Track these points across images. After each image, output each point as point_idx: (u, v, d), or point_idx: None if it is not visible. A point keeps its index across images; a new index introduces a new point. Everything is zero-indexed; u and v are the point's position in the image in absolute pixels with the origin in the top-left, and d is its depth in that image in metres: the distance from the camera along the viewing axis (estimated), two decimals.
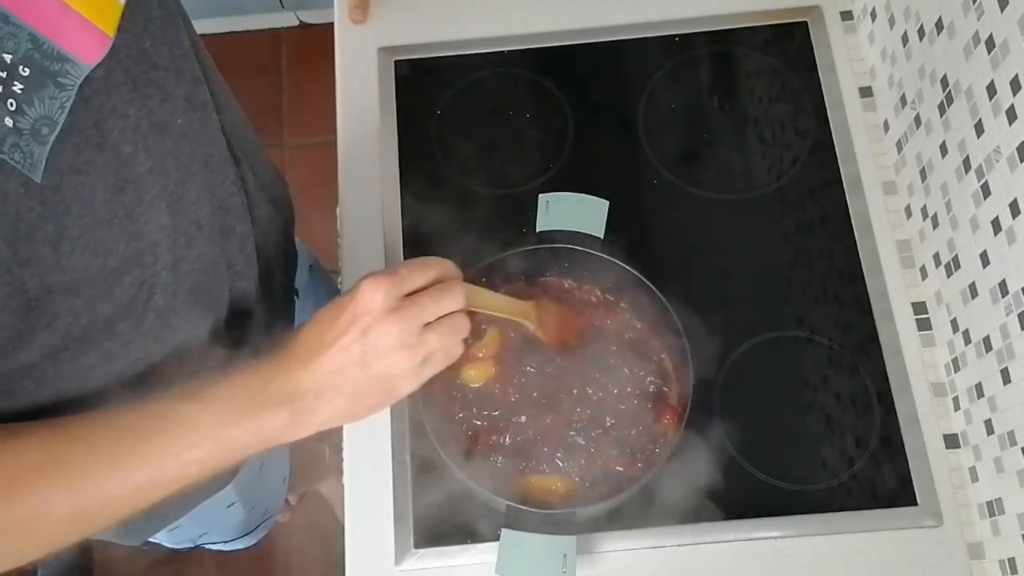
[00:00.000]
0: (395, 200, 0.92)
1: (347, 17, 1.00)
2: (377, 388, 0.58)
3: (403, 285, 0.58)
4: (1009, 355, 0.73)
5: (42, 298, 0.52)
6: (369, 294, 0.56)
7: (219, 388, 0.55)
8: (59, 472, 0.52)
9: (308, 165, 1.87)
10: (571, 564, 0.71)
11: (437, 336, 0.59)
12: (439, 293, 0.59)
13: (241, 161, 0.71)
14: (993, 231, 0.74)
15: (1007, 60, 0.69)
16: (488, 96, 0.97)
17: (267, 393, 0.55)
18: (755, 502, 0.80)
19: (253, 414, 0.55)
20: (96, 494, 0.53)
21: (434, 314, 0.59)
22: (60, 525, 0.53)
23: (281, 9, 1.95)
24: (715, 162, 0.93)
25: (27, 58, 0.46)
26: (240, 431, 0.55)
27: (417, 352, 0.58)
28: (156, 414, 0.54)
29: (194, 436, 0.54)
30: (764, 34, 0.98)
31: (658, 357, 0.81)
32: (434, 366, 0.60)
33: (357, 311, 0.56)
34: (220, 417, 0.54)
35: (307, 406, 0.56)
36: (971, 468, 0.81)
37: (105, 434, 0.53)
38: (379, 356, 0.57)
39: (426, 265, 0.60)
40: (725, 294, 0.88)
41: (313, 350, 0.56)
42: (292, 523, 1.64)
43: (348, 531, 0.81)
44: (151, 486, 0.54)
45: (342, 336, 0.56)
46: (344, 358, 0.56)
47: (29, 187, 0.47)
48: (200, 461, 0.54)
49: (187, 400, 0.54)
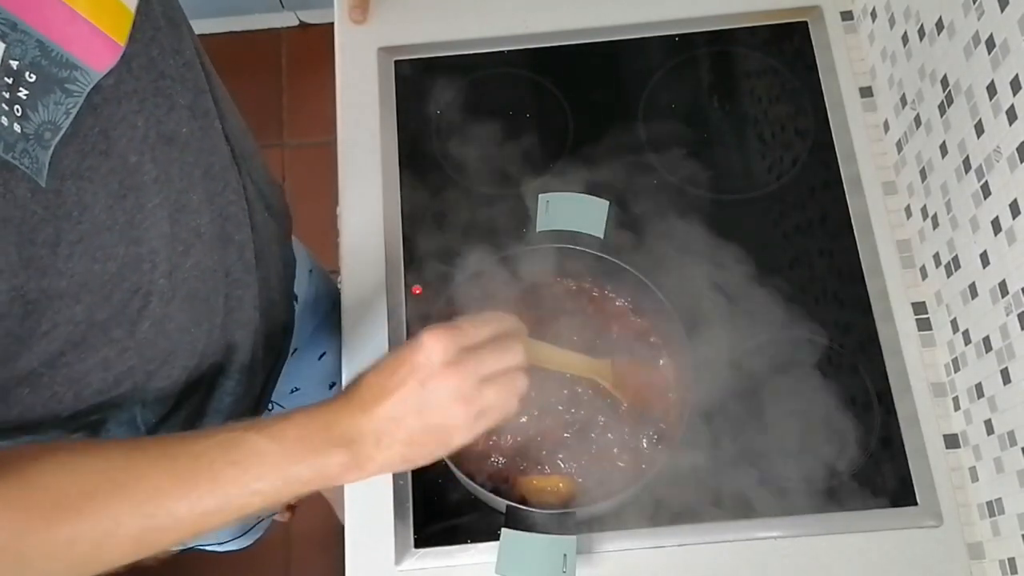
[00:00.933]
0: (395, 200, 0.92)
1: (347, 17, 1.00)
2: (432, 438, 0.59)
3: (463, 339, 0.58)
4: (1009, 355, 0.73)
5: (40, 302, 0.52)
6: (429, 346, 0.57)
7: (287, 424, 0.56)
8: (136, 493, 0.53)
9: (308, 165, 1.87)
10: (571, 564, 0.71)
11: (494, 392, 0.59)
12: (499, 349, 0.60)
13: (242, 169, 0.71)
14: (993, 231, 0.74)
15: (1007, 60, 0.69)
16: (488, 96, 0.97)
17: (330, 435, 0.57)
18: (755, 502, 0.80)
19: (317, 453, 0.56)
20: (165, 517, 0.53)
21: (492, 368, 0.59)
22: (126, 544, 0.53)
23: (281, 9, 1.95)
24: (715, 162, 0.93)
25: (34, 64, 0.46)
26: (304, 468, 0.56)
27: (473, 406, 0.58)
28: (228, 443, 0.55)
29: (263, 468, 0.55)
30: (764, 34, 0.98)
31: (658, 357, 0.81)
32: (489, 420, 0.60)
33: (417, 363, 0.57)
34: (288, 453, 0.55)
35: (365, 451, 0.57)
36: (971, 468, 0.81)
37: (182, 459, 0.54)
38: (436, 408, 0.58)
39: (488, 320, 0.61)
40: (725, 294, 0.88)
41: (374, 397, 0.57)
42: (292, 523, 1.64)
43: (348, 531, 0.81)
44: (217, 513, 0.54)
45: (401, 386, 0.57)
46: (402, 408, 0.57)
47: (36, 192, 0.47)
48: (264, 493, 0.55)
49: (257, 432, 0.55)
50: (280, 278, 0.85)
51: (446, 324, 0.59)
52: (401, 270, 0.89)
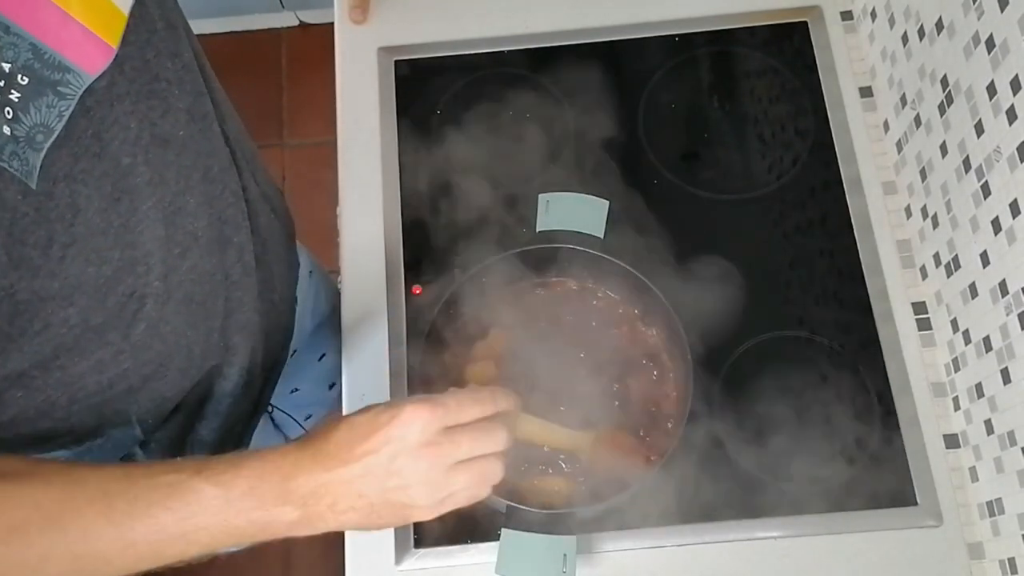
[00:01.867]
0: (395, 200, 0.92)
1: (347, 17, 1.00)
2: (391, 512, 0.57)
3: (447, 418, 0.57)
4: (1009, 355, 0.73)
5: (31, 303, 0.52)
6: (409, 421, 0.56)
7: (238, 473, 0.54)
8: (67, 531, 0.52)
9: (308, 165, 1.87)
10: (571, 564, 0.71)
11: (464, 478, 0.58)
12: (481, 434, 0.58)
13: (243, 171, 0.71)
14: (993, 231, 0.74)
15: (1007, 60, 0.69)
16: (488, 96, 0.97)
17: (284, 490, 0.55)
18: (755, 502, 0.80)
19: (266, 508, 0.54)
20: (98, 556, 0.52)
21: (468, 454, 0.58)
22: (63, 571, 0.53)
23: (281, 9, 1.95)
24: (715, 162, 0.93)
25: (26, 67, 0.46)
26: (249, 522, 0.54)
27: (439, 491, 0.57)
28: (172, 489, 0.53)
29: (204, 518, 0.53)
30: (764, 34, 0.98)
31: (658, 357, 0.81)
32: (454, 503, 0.59)
33: (392, 434, 0.55)
34: (233, 505, 0.54)
35: (319, 512, 0.56)
36: (971, 468, 0.81)
37: (120, 501, 0.53)
38: (400, 486, 0.56)
39: (479, 400, 0.59)
40: (725, 294, 0.88)
41: (339, 458, 0.56)
42: None
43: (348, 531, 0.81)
44: (152, 556, 0.53)
45: (370, 454, 0.55)
46: (366, 477, 0.55)
47: (27, 194, 0.47)
48: (202, 543, 0.54)
49: (205, 480, 0.54)
50: (283, 281, 0.85)
51: (433, 399, 0.57)
52: (401, 270, 0.89)
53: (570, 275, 0.84)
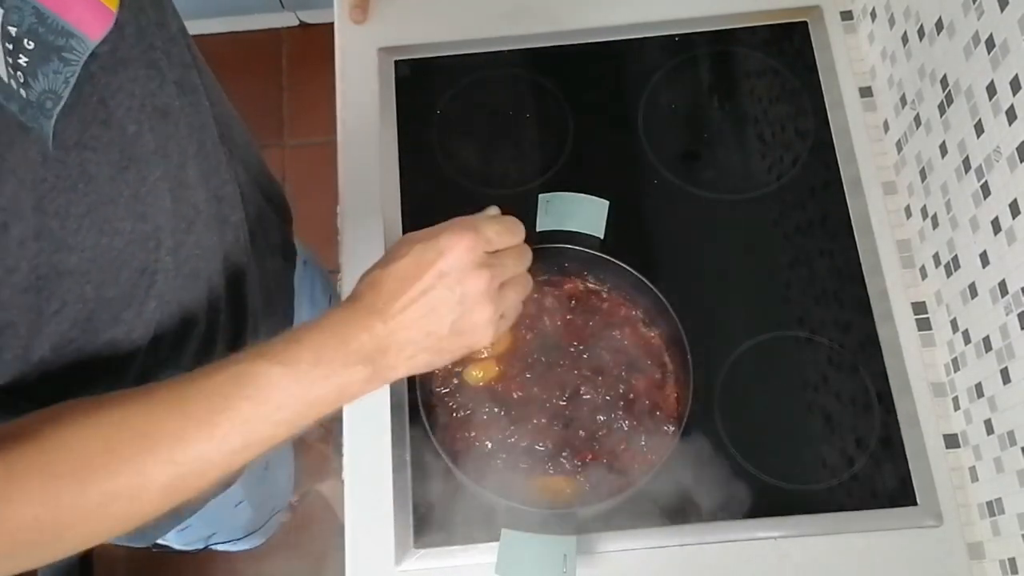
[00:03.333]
0: (395, 200, 0.92)
1: (347, 17, 1.00)
2: (459, 341, 0.58)
3: (488, 245, 0.58)
4: (1009, 355, 0.73)
5: (50, 278, 0.52)
6: (459, 250, 0.56)
7: (299, 347, 0.54)
8: (159, 442, 0.51)
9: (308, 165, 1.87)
10: (571, 564, 0.71)
11: (514, 294, 0.60)
12: (519, 256, 0.61)
13: (233, 154, 0.71)
14: (993, 231, 0.74)
15: (1007, 60, 0.69)
16: (488, 96, 0.97)
17: (347, 351, 0.55)
18: (755, 502, 0.80)
19: (335, 373, 0.54)
20: (194, 462, 0.52)
21: (512, 273, 0.60)
22: (158, 495, 0.52)
23: (281, 9, 1.95)
24: (715, 162, 0.93)
25: (31, 31, 0.46)
26: (324, 389, 0.54)
27: (498, 307, 0.59)
28: (239, 378, 0.53)
29: (281, 398, 0.53)
30: (764, 34, 0.98)
31: (658, 357, 0.81)
32: (506, 323, 0.61)
33: (445, 266, 0.56)
34: (304, 378, 0.54)
35: (388, 363, 0.56)
36: (971, 468, 0.81)
37: (197, 401, 0.53)
38: (465, 310, 0.57)
39: (513, 231, 0.61)
40: (725, 294, 0.88)
41: (396, 306, 0.55)
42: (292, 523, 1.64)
43: (348, 531, 0.81)
44: (244, 449, 0.53)
45: (428, 291, 0.56)
46: (431, 313, 0.56)
47: (46, 158, 0.47)
48: (288, 422, 0.54)
49: (268, 362, 0.53)
50: (278, 268, 0.85)
51: (469, 226, 0.58)
52: None
53: (570, 275, 0.84)
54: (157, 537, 0.92)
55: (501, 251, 0.59)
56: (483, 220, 0.60)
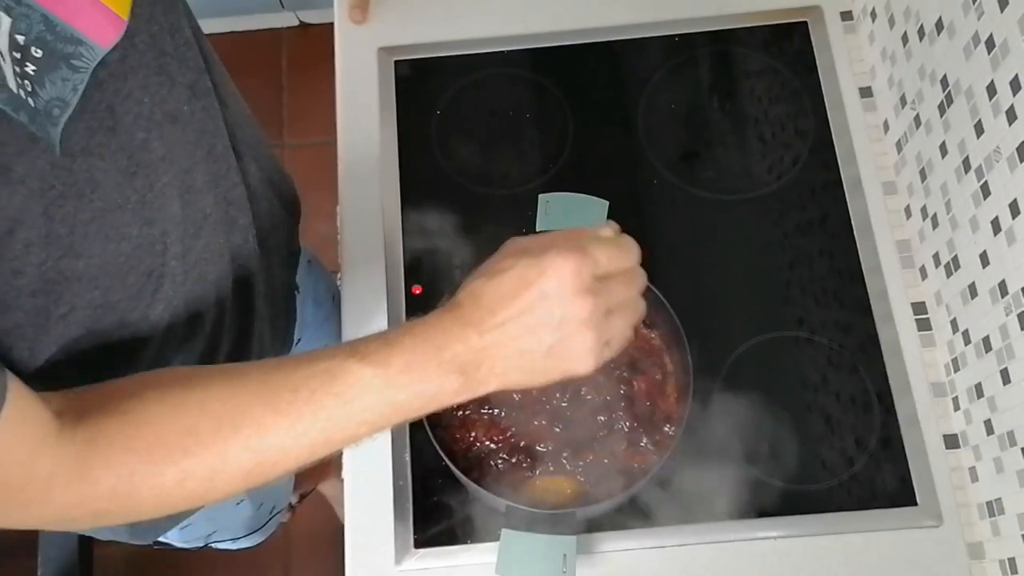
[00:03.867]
0: (395, 200, 0.92)
1: (347, 17, 1.00)
2: (552, 366, 0.55)
3: (596, 268, 0.55)
4: (1009, 355, 0.73)
5: (58, 282, 0.52)
6: (563, 273, 0.53)
7: (392, 351, 0.53)
8: (240, 428, 0.51)
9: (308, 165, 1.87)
10: (571, 564, 0.71)
11: (622, 322, 0.57)
12: (630, 280, 0.57)
13: (244, 155, 0.71)
14: (993, 231, 0.74)
15: (1007, 60, 0.69)
16: (488, 96, 0.97)
17: (440, 359, 0.53)
18: (755, 502, 0.80)
19: (427, 380, 0.53)
20: (273, 451, 0.52)
21: (621, 299, 0.56)
22: (236, 478, 0.52)
23: (281, 9, 1.95)
24: (715, 162, 0.94)
25: (40, 40, 0.45)
26: (413, 395, 0.53)
27: (602, 335, 0.55)
28: (330, 374, 0.53)
29: (368, 399, 0.53)
30: (764, 34, 0.98)
31: (658, 357, 0.81)
32: (611, 351, 0.57)
33: (546, 288, 0.53)
34: (394, 382, 0.53)
35: (480, 377, 0.54)
36: (971, 468, 0.81)
37: (284, 392, 0.52)
38: (563, 337, 0.54)
39: (626, 254, 0.57)
40: (725, 294, 0.88)
41: (493, 320, 0.53)
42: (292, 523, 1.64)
43: (348, 531, 0.81)
44: (324, 444, 0.53)
45: (528, 312, 0.53)
46: (528, 334, 0.54)
47: (54, 165, 0.47)
48: (371, 423, 0.54)
49: (360, 361, 0.53)
50: (284, 267, 0.85)
51: (578, 247, 0.54)
52: (401, 270, 0.89)
53: None
54: (159, 535, 0.92)
55: (611, 274, 0.56)
56: (594, 241, 0.56)
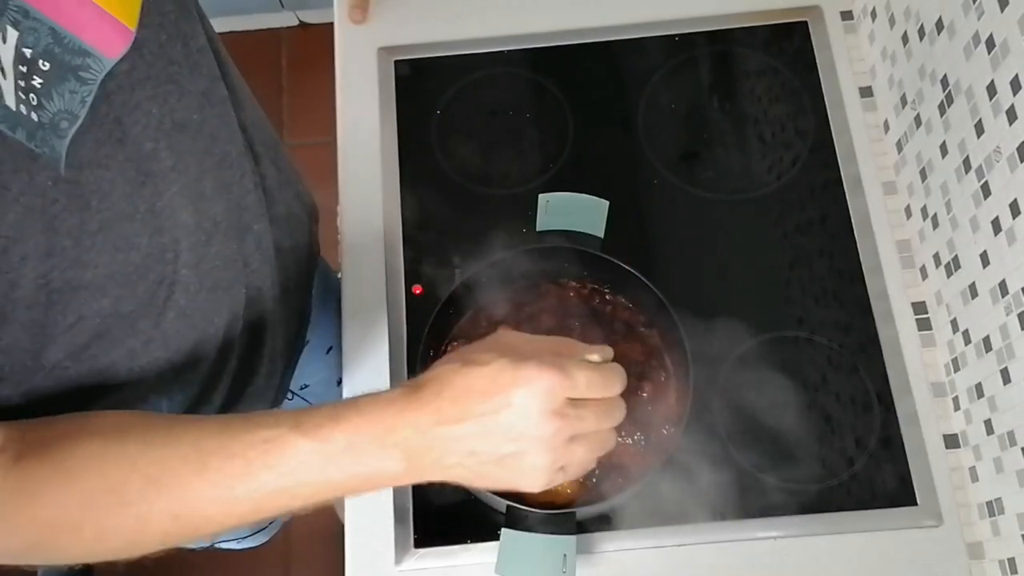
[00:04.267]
0: (395, 200, 0.92)
1: (347, 17, 1.00)
2: (500, 476, 0.54)
3: (574, 391, 0.53)
4: (1009, 355, 0.73)
5: (64, 292, 0.52)
6: (536, 387, 0.52)
7: (337, 428, 0.51)
8: (167, 488, 0.50)
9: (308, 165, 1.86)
10: (571, 564, 0.71)
11: (584, 451, 0.55)
12: (605, 413, 0.56)
13: (261, 157, 0.71)
14: (993, 231, 0.74)
15: (1007, 60, 0.69)
16: (488, 96, 0.97)
17: (386, 443, 0.52)
18: (755, 502, 0.80)
19: (367, 463, 0.52)
20: (198, 515, 0.51)
21: (590, 429, 0.55)
22: (155, 539, 0.52)
23: (281, 9, 1.95)
24: (715, 162, 0.93)
25: (47, 52, 0.45)
26: (350, 476, 0.52)
27: (559, 460, 0.54)
28: (268, 446, 0.51)
29: (304, 475, 0.51)
30: (764, 34, 0.98)
31: (658, 357, 0.81)
32: (566, 476, 0.56)
33: (514, 398, 0.51)
34: (333, 460, 0.51)
35: (425, 466, 0.52)
36: (971, 468, 0.81)
37: (216, 459, 0.51)
38: (517, 451, 0.52)
39: (608, 384, 0.56)
40: (725, 294, 0.88)
41: (453, 413, 0.52)
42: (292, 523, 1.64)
43: (348, 531, 0.81)
44: (253, 513, 0.52)
45: (489, 415, 0.52)
46: (480, 436, 0.52)
47: (57, 180, 0.47)
48: (305, 497, 0.53)
49: (301, 435, 0.51)
50: (302, 270, 0.85)
51: (560, 365, 0.53)
52: (401, 270, 0.89)
53: (570, 275, 0.84)
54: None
55: (586, 403, 0.54)
56: (579, 364, 0.54)
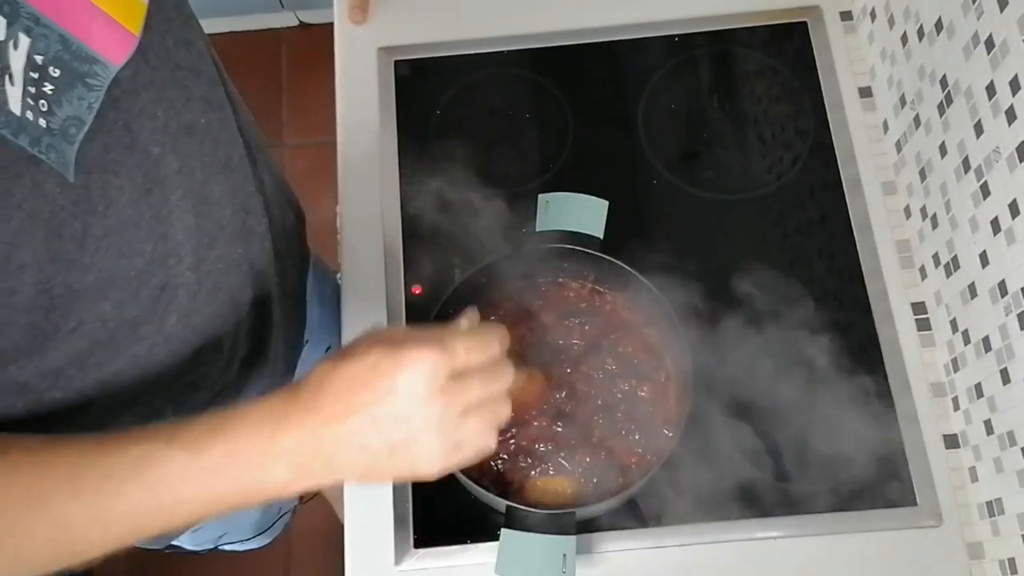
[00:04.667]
0: (395, 200, 0.92)
1: (347, 17, 1.00)
2: (395, 466, 0.52)
3: (455, 362, 0.51)
4: (1008, 355, 0.73)
5: (66, 297, 0.51)
6: (418, 368, 0.50)
7: (216, 438, 0.49)
8: (41, 513, 0.48)
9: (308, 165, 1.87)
10: (571, 564, 0.71)
11: (475, 424, 0.53)
12: (490, 377, 0.54)
13: (258, 162, 0.71)
14: (992, 231, 0.74)
15: (1007, 60, 0.69)
16: (488, 96, 0.97)
17: (271, 450, 0.49)
18: (755, 502, 0.80)
19: (251, 472, 0.49)
20: (76, 538, 0.49)
21: (478, 398, 0.53)
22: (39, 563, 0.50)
23: (281, 9, 1.95)
24: (715, 162, 0.94)
25: (57, 59, 0.46)
26: (233, 489, 0.49)
27: (450, 439, 0.52)
28: (142, 463, 0.48)
29: (182, 491, 0.49)
30: (764, 34, 0.98)
31: (658, 358, 0.81)
32: (462, 456, 0.54)
33: (397, 382, 0.50)
34: (211, 473, 0.48)
35: (314, 469, 0.50)
36: (971, 468, 0.81)
37: (89, 480, 0.48)
38: (408, 436, 0.51)
39: (487, 345, 0.54)
40: (725, 294, 0.88)
41: (336, 410, 0.50)
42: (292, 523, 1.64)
43: (348, 531, 0.81)
44: (134, 531, 0.50)
45: (373, 404, 0.50)
46: (370, 428, 0.50)
47: (64, 186, 0.47)
48: (188, 514, 0.50)
49: (176, 449, 0.48)
50: (296, 271, 0.85)
51: (436, 340, 0.51)
52: (401, 270, 0.89)
53: (570, 275, 0.84)
54: (170, 540, 0.92)
55: (471, 370, 0.53)
56: (453, 334, 0.53)
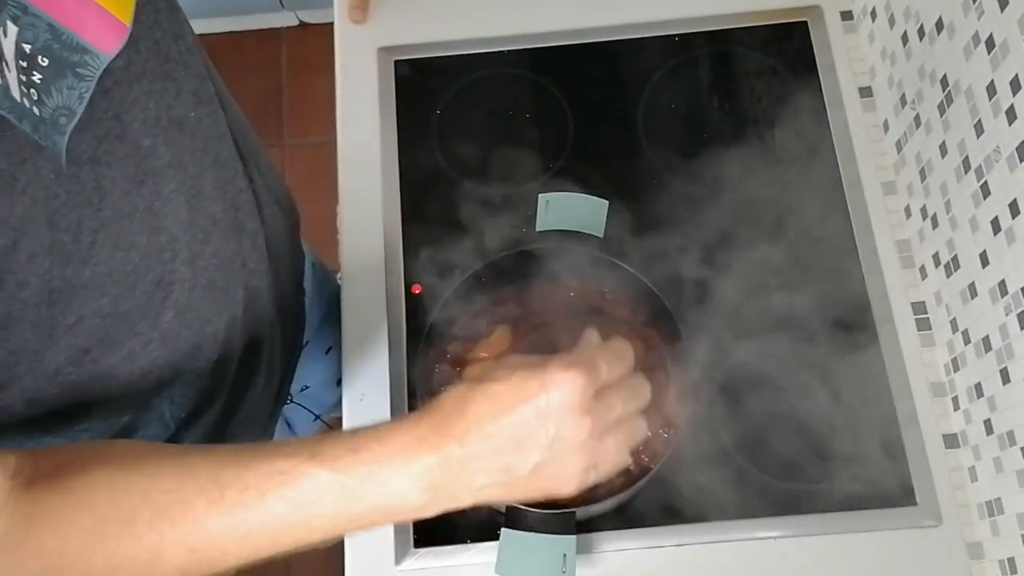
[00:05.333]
0: (395, 200, 0.92)
1: (347, 17, 1.00)
2: (534, 486, 0.52)
3: (599, 381, 0.52)
4: (1008, 355, 0.73)
5: (64, 291, 0.51)
6: (567, 388, 0.50)
7: (358, 459, 0.49)
8: (181, 520, 0.48)
9: (308, 165, 1.87)
10: (571, 564, 0.71)
11: (614, 443, 0.53)
12: (630, 394, 0.54)
13: (247, 159, 0.71)
14: (992, 231, 0.74)
15: (1007, 60, 0.69)
16: (488, 96, 0.97)
17: (408, 473, 0.49)
18: (755, 502, 0.80)
19: (389, 494, 0.49)
20: (214, 547, 0.49)
21: (619, 417, 0.53)
22: (168, 571, 0.50)
23: (281, 9, 1.95)
24: (715, 162, 0.93)
25: (46, 48, 0.45)
26: (371, 508, 0.50)
27: (592, 459, 0.52)
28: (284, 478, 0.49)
29: (322, 508, 0.49)
30: (764, 34, 0.98)
31: (658, 358, 0.81)
32: (599, 474, 0.54)
33: (548, 402, 0.50)
34: (352, 492, 0.49)
35: (452, 491, 0.50)
36: (971, 468, 0.81)
37: (231, 491, 0.49)
38: (554, 456, 0.50)
39: (623, 358, 0.54)
40: (725, 295, 0.88)
41: (480, 430, 0.49)
42: None
43: None
44: (270, 547, 0.50)
45: (520, 426, 0.50)
46: (514, 450, 0.50)
47: (59, 174, 0.47)
48: (323, 530, 0.51)
49: (320, 465, 0.49)
50: (290, 272, 0.85)
51: (582, 361, 0.51)
52: (401, 270, 0.89)
53: (570, 275, 0.84)
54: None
55: (611, 390, 0.53)
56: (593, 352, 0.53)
